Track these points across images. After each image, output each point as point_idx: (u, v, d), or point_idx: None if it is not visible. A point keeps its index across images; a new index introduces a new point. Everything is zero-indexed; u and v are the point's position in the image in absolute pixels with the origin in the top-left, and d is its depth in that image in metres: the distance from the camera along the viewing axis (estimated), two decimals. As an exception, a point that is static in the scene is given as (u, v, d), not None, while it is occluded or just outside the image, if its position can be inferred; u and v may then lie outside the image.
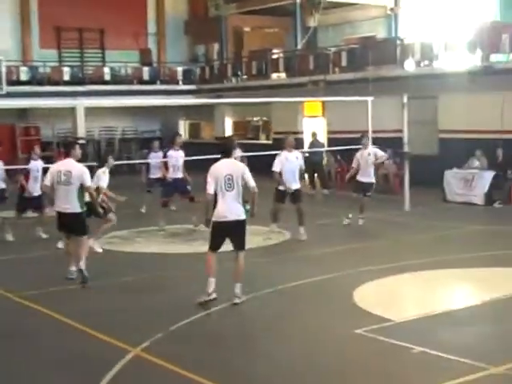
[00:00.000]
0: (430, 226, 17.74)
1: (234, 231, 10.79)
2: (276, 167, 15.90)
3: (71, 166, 12.04)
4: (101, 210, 13.57)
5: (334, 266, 13.22)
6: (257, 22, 37.88)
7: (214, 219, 10.76)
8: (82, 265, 12.12)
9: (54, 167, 12.40)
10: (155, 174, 20.74)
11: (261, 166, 16.05)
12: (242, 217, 10.77)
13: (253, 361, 8.69)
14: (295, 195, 16.03)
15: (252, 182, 10.80)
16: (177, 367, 8.26)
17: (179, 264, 14.10)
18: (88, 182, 12.17)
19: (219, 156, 11.20)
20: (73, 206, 12.03)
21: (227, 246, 11.01)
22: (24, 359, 8.89)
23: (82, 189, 12.07)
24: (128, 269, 13.73)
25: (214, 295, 10.73)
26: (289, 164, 16.01)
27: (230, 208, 10.69)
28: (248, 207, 10.95)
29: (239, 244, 10.87)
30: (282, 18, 36.56)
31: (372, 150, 18.04)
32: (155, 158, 20.71)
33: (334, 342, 9.26)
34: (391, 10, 31.71)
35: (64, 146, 12.53)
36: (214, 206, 10.83)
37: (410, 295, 12.17)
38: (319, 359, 8.64)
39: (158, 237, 17.29)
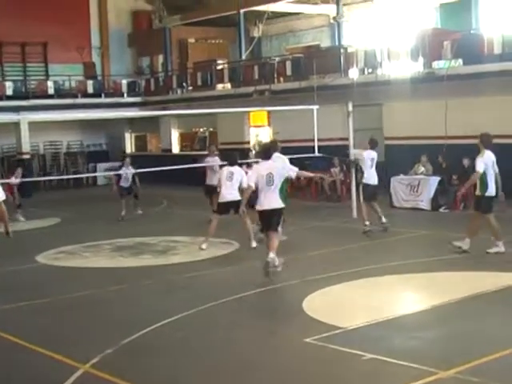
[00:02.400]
0: (377, 232, 17.82)
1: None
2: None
3: None
4: None
5: (281, 276, 13.16)
6: (201, 33, 37.90)
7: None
8: None
9: None
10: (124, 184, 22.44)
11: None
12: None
13: (201, 374, 8.58)
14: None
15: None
16: (127, 383, 8.15)
17: (127, 278, 13.95)
18: None
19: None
20: None
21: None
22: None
23: None
24: (75, 284, 13.56)
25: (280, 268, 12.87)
26: None
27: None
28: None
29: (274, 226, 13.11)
30: (226, 28, 36.64)
31: None
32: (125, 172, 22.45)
33: (284, 350, 9.23)
34: (334, 18, 31.90)
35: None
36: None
37: (359, 302, 12.14)
38: (268, 368, 8.58)
39: (106, 251, 17.13)
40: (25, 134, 32.82)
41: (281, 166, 13.49)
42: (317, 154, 20.49)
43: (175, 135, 35.79)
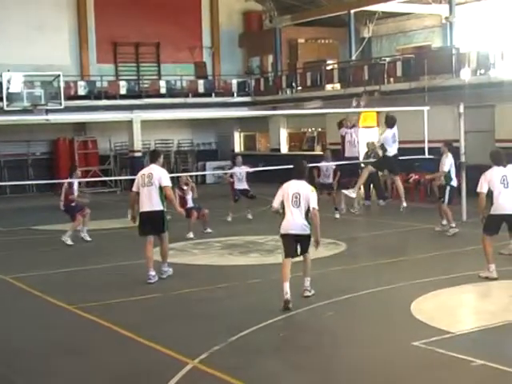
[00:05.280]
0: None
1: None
2: None
3: None
4: None
5: (389, 278, 13.11)
6: (311, 34, 37.97)
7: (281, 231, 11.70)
8: None
9: None
10: (239, 186, 22.33)
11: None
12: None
13: (307, 374, 8.62)
14: None
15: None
16: (236, 380, 8.24)
17: (235, 276, 14.12)
18: None
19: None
20: None
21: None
22: (82, 372, 8.97)
23: None
24: (184, 281, 13.78)
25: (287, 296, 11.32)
26: None
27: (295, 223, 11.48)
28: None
29: (305, 249, 11.69)
30: (336, 28, 36.58)
31: None
32: (239, 171, 22.44)
33: (392, 354, 9.14)
34: (446, 18, 31.42)
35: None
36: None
37: (468, 307, 11.98)
38: (376, 371, 8.56)
39: (215, 248, 17.35)
40: (137, 132, 33.54)
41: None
42: (427, 155, 20.21)
43: (284, 135, 35.96)
